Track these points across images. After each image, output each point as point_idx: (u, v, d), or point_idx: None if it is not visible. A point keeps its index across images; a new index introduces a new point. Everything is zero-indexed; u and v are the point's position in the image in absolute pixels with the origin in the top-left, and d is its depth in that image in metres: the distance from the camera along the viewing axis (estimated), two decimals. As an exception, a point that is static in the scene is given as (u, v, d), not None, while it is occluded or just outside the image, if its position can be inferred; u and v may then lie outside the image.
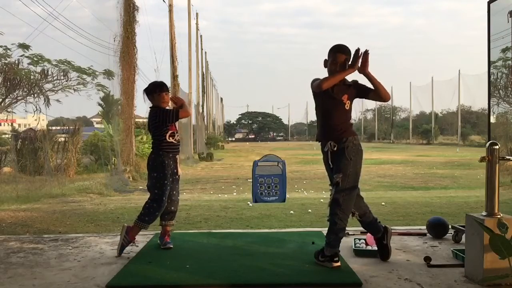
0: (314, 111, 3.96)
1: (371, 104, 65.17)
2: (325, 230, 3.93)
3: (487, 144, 3.42)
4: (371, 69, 3.72)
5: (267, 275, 3.58)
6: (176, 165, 4.36)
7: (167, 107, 4.38)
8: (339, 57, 3.71)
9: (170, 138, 4.28)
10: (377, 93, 3.79)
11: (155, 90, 4.32)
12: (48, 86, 15.82)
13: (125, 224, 4.31)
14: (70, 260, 4.04)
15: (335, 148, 3.75)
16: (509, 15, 4.61)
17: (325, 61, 3.81)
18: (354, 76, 3.79)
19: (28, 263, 3.94)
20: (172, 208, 4.40)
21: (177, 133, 4.36)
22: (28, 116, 16.49)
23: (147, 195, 4.40)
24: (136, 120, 16.21)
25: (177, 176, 4.39)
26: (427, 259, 3.82)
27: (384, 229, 3.95)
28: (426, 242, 4.55)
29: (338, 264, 3.71)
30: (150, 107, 4.40)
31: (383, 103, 23.86)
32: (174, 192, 4.38)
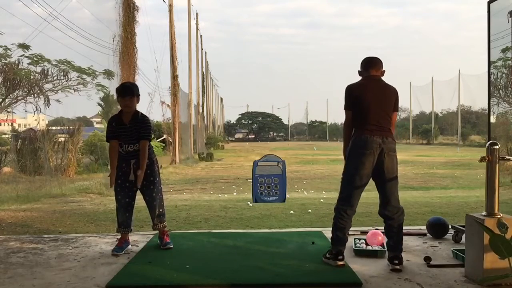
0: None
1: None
2: (325, 230, 3.94)
3: (487, 144, 3.43)
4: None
5: (267, 275, 3.58)
6: (136, 172, 4.29)
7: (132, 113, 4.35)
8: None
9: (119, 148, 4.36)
10: None
11: (117, 93, 4.43)
12: (48, 86, 15.76)
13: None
14: (70, 260, 4.05)
15: None
16: (509, 15, 4.62)
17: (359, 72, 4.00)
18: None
19: (28, 263, 3.95)
20: (151, 212, 4.47)
21: (126, 144, 4.30)
22: (28, 116, 16.45)
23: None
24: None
25: (145, 182, 4.34)
26: (427, 259, 3.83)
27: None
28: (426, 242, 4.55)
29: (341, 263, 3.72)
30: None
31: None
32: (148, 198, 4.44)
